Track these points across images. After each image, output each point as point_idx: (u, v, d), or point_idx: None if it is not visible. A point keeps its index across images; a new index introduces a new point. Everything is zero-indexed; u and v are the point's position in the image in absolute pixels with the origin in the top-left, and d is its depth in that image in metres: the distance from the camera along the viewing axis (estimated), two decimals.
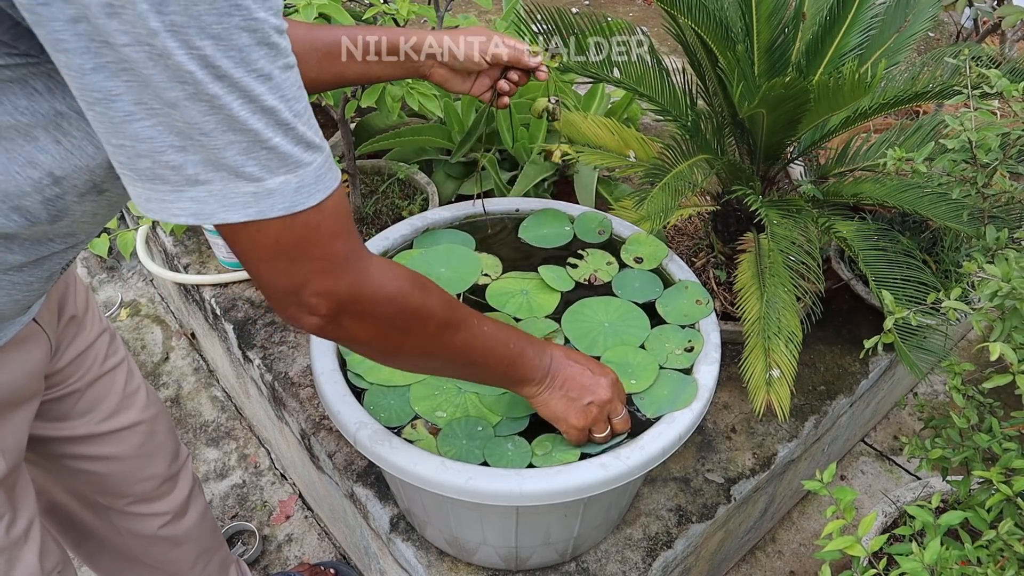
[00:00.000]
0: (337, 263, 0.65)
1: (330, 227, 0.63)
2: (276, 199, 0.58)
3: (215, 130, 0.53)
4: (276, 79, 0.55)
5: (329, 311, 0.67)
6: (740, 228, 1.39)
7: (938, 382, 2.07)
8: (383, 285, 0.70)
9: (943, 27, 2.58)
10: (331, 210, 0.63)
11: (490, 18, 3.19)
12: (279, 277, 0.64)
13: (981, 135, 1.01)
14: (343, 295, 0.67)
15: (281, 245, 0.61)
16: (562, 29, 1.27)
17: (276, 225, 0.60)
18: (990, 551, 0.82)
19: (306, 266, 0.64)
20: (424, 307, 0.74)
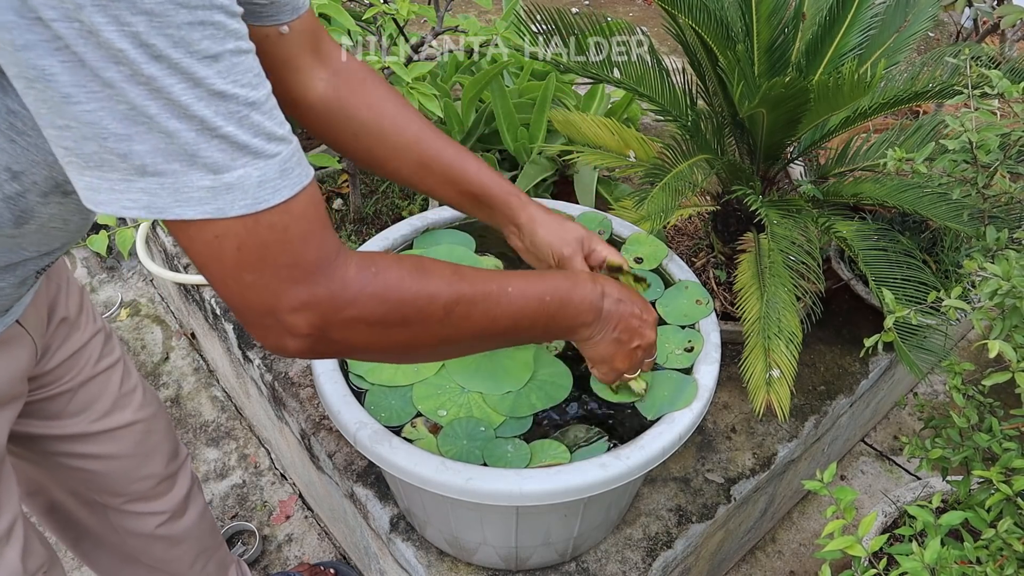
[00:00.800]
0: (311, 269, 0.59)
1: (300, 230, 0.57)
2: (236, 195, 0.53)
3: (159, 115, 0.49)
4: (225, 62, 0.51)
5: (311, 327, 0.60)
6: (740, 228, 1.39)
7: (938, 382, 2.07)
8: (367, 283, 0.63)
9: (943, 27, 2.58)
10: (300, 211, 0.57)
11: (490, 18, 3.19)
12: (248, 293, 0.58)
13: (981, 135, 1.01)
14: (324, 304, 0.60)
15: (245, 253, 0.55)
16: (562, 29, 1.27)
17: (237, 228, 0.54)
18: (990, 550, 0.82)
19: (276, 276, 0.57)
20: (422, 292, 0.67)
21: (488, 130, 1.75)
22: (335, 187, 1.65)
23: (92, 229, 1.24)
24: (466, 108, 1.71)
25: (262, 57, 0.81)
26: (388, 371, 1.00)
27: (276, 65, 0.86)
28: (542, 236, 0.97)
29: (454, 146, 0.97)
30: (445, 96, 1.75)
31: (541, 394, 0.99)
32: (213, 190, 0.52)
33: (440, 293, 0.69)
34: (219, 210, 0.53)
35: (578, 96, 1.83)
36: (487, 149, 1.76)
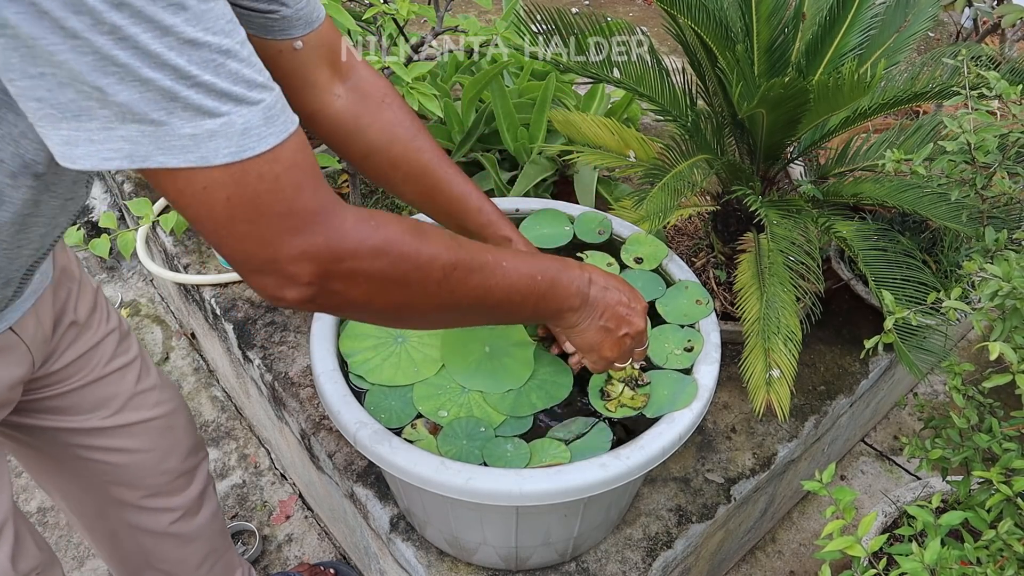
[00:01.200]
0: (307, 219, 0.58)
1: (291, 179, 0.57)
2: (219, 142, 0.52)
3: (130, 64, 0.48)
4: (193, 9, 0.50)
5: (312, 276, 0.60)
6: (740, 228, 1.39)
7: (938, 382, 2.07)
8: (367, 236, 0.62)
9: (943, 27, 2.58)
10: (289, 159, 0.56)
11: (490, 18, 3.19)
12: (244, 244, 0.57)
13: (979, 136, 1.01)
14: (323, 254, 0.59)
15: (235, 203, 0.55)
16: (562, 29, 1.27)
17: (225, 178, 0.54)
18: (990, 551, 0.82)
19: (271, 227, 0.57)
20: (422, 252, 0.66)
21: (488, 130, 1.75)
22: (335, 187, 1.65)
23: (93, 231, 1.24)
24: (466, 108, 1.71)
25: (277, 72, 0.81)
26: (388, 371, 1.00)
27: (291, 80, 0.86)
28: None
29: (460, 179, 0.98)
30: (445, 96, 1.75)
31: (542, 393, 0.99)
32: (195, 138, 0.51)
33: (440, 255, 0.68)
34: (203, 158, 0.52)
35: (578, 96, 1.83)
36: (487, 149, 1.76)
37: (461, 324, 0.87)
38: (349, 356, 1.02)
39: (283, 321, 1.53)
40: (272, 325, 1.52)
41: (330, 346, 1.02)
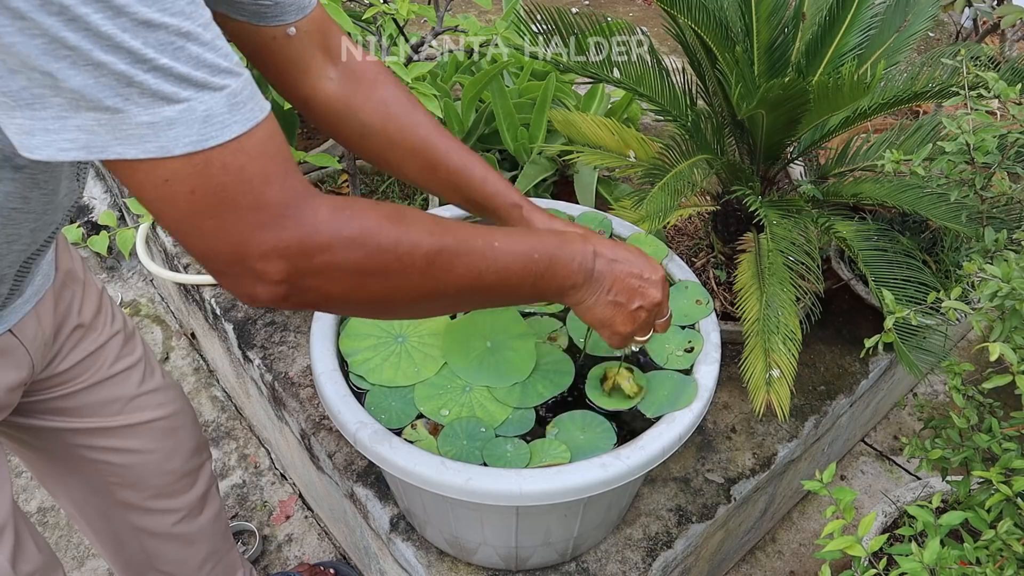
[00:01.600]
0: (276, 212, 0.55)
1: (258, 170, 0.53)
2: (179, 130, 0.49)
3: (82, 46, 0.46)
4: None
5: (282, 274, 0.56)
6: (740, 228, 1.39)
7: (938, 382, 2.07)
8: (342, 227, 0.58)
9: (943, 27, 2.58)
10: (257, 149, 0.53)
11: (490, 18, 3.19)
12: (209, 241, 0.54)
13: (978, 137, 1.01)
14: (294, 249, 0.56)
15: (198, 197, 0.51)
16: (562, 29, 1.27)
17: (188, 169, 0.50)
18: (990, 551, 0.82)
19: (238, 222, 0.53)
20: (403, 240, 0.62)
21: (488, 130, 1.75)
22: (335, 187, 1.65)
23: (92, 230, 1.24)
24: (466, 108, 1.71)
25: (269, 57, 0.79)
26: (388, 372, 1.00)
27: (285, 65, 0.86)
28: None
29: (460, 150, 0.95)
30: (445, 96, 1.75)
31: (547, 382, 1.00)
32: (154, 126, 0.49)
33: (422, 241, 0.64)
34: (163, 148, 0.49)
35: (578, 96, 1.83)
36: (487, 149, 1.76)
37: (455, 310, 0.84)
38: (349, 356, 1.02)
39: (283, 321, 1.53)
40: (272, 325, 1.52)
41: (330, 346, 1.02)
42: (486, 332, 1.05)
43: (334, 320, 1.05)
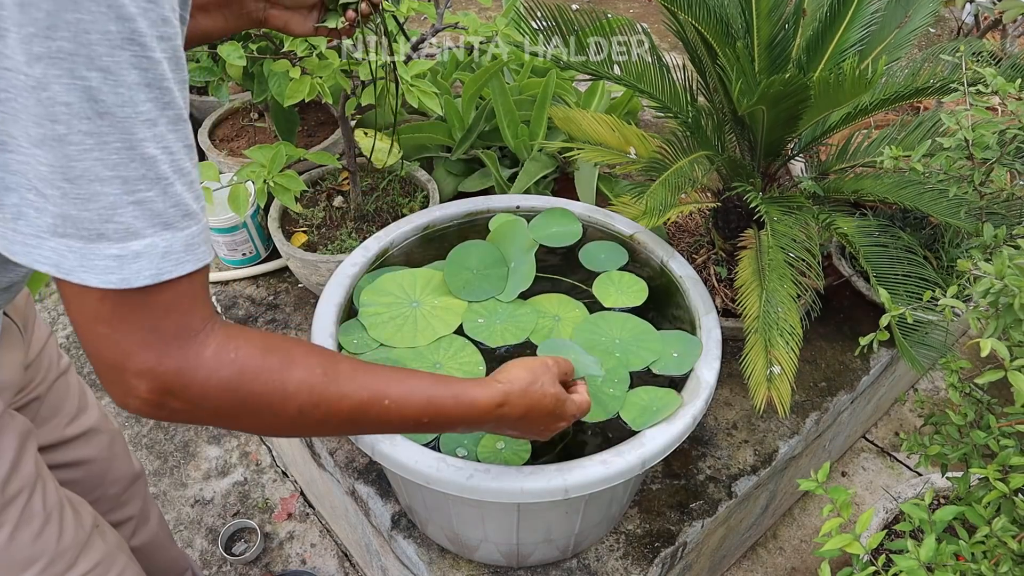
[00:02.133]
0: (165, 339, 0.56)
1: (168, 301, 0.55)
2: (142, 264, 0.52)
3: (81, 178, 0.48)
4: (162, 129, 0.51)
5: (148, 393, 0.57)
6: (741, 224, 1.39)
7: (939, 378, 2.07)
8: (218, 368, 0.59)
9: (944, 23, 2.58)
10: (184, 287, 0.55)
11: (491, 15, 3.19)
12: (100, 345, 0.55)
13: (977, 133, 1.01)
14: (167, 377, 0.57)
15: (106, 310, 0.54)
16: (562, 26, 1.27)
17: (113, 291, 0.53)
18: (986, 547, 0.82)
19: (130, 338, 0.55)
20: (277, 390, 0.62)
21: (488, 127, 1.75)
22: (336, 184, 1.65)
23: None
24: (466, 105, 1.71)
25: None
26: (388, 331, 1.05)
27: None
28: None
29: None
30: (445, 93, 1.75)
31: None
32: (120, 260, 0.51)
33: (298, 394, 0.63)
34: (124, 280, 0.52)
35: (578, 93, 1.83)
36: (488, 146, 1.76)
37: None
38: (363, 306, 1.08)
39: (284, 319, 1.53)
40: (273, 323, 1.52)
41: (331, 344, 1.02)
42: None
43: (335, 319, 1.05)
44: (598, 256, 1.22)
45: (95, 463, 1.13)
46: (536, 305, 1.13)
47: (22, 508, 0.85)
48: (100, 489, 1.15)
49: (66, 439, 1.07)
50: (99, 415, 1.15)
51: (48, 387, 1.04)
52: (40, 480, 0.89)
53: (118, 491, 1.19)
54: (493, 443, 0.94)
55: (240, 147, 1.77)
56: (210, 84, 1.44)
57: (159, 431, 1.95)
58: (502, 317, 1.10)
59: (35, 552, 0.87)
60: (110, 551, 0.99)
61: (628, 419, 0.97)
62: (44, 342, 1.04)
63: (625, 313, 1.12)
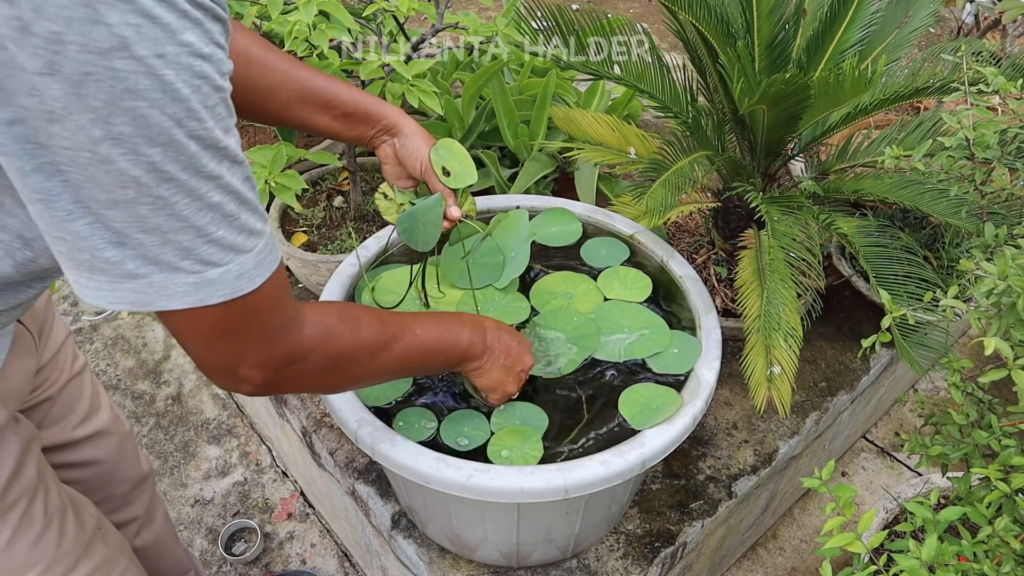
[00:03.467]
0: (272, 335, 0.65)
1: (268, 305, 0.63)
2: (216, 287, 0.57)
3: (156, 229, 0.52)
4: (225, 178, 0.54)
5: (263, 379, 0.67)
6: (741, 224, 1.39)
7: (939, 378, 2.07)
8: (316, 344, 0.70)
9: (944, 23, 2.58)
10: (269, 290, 0.62)
11: (491, 15, 3.19)
12: (215, 357, 0.64)
13: (978, 132, 1.01)
14: (277, 362, 0.67)
15: (218, 327, 0.61)
16: (562, 26, 1.26)
17: (216, 311, 0.59)
18: (988, 547, 0.82)
19: (243, 343, 0.63)
20: (355, 343, 0.76)
21: (488, 127, 1.75)
22: (336, 184, 1.65)
23: None
24: (466, 105, 1.71)
25: None
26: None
27: None
28: (418, 144, 1.02)
29: (321, 74, 0.99)
30: (445, 93, 1.75)
31: (570, 357, 1.05)
32: (197, 285, 0.56)
33: (369, 342, 0.78)
34: (200, 300, 0.57)
35: (578, 93, 1.83)
36: (488, 146, 1.76)
37: (388, 381, 0.94)
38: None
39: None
40: None
41: None
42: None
43: None
44: (599, 252, 1.22)
45: (103, 464, 1.13)
46: (543, 287, 1.16)
47: (22, 514, 0.85)
48: (106, 489, 1.15)
49: (75, 440, 1.07)
50: (110, 416, 1.14)
51: (61, 388, 1.04)
52: (42, 485, 0.89)
53: (124, 491, 1.19)
54: (499, 452, 0.94)
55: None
56: None
57: (159, 431, 1.95)
58: (498, 307, 1.12)
59: (33, 557, 0.87)
60: (111, 554, 0.99)
61: (627, 415, 0.97)
62: (60, 343, 1.04)
63: (639, 305, 1.13)
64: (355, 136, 1.02)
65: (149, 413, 1.99)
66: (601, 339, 1.08)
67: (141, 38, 0.46)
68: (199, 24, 0.49)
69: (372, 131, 1.02)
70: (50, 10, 0.43)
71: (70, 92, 0.45)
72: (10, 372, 0.84)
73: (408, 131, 1.03)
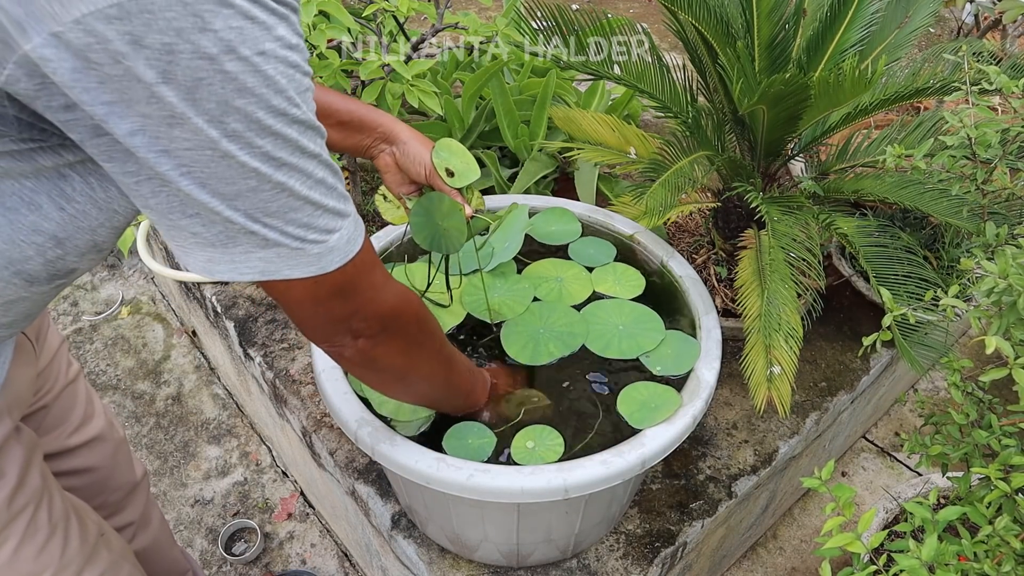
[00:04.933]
0: (379, 288, 0.71)
1: (370, 260, 0.69)
2: (335, 254, 0.62)
3: (280, 210, 0.57)
4: (322, 154, 0.59)
5: (372, 331, 0.72)
6: (741, 224, 1.39)
7: (939, 378, 2.07)
8: (404, 292, 0.75)
9: (944, 23, 2.58)
10: (367, 247, 0.68)
11: (491, 15, 3.18)
12: (333, 312, 0.68)
13: (980, 131, 1.01)
14: (387, 313, 0.72)
15: (337, 286, 0.65)
16: (562, 26, 1.26)
17: (335, 276, 0.63)
18: (988, 546, 0.82)
19: (358, 298, 0.69)
20: (429, 320, 0.81)
21: (488, 127, 1.75)
22: None
23: None
24: (466, 105, 1.71)
25: None
26: None
27: None
28: (418, 148, 1.04)
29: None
30: (445, 93, 1.75)
31: (559, 343, 1.05)
32: (320, 255, 0.61)
33: (439, 334, 0.84)
34: (322, 269, 0.62)
35: (578, 93, 1.83)
36: (488, 146, 1.76)
37: (426, 397, 0.94)
38: None
39: (284, 319, 1.53)
40: (273, 323, 1.52)
41: None
42: None
43: None
44: (586, 252, 1.23)
45: (98, 471, 1.13)
46: (533, 272, 1.18)
47: (27, 522, 0.85)
48: (101, 496, 1.15)
49: (70, 448, 1.07)
50: (104, 423, 1.14)
51: (55, 396, 1.04)
52: (47, 492, 0.89)
53: (118, 498, 1.19)
54: (524, 443, 0.94)
55: None
56: None
57: (159, 431, 1.95)
58: (501, 291, 1.14)
59: (40, 565, 0.87)
60: (115, 560, 0.99)
61: (626, 414, 0.97)
62: (55, 351, 1.04)
63: (621, 300, 1.14)
64: (352, 145, 1.04)
65: (149, 413, 1.99)
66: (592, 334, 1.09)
67: (244, 39, 0.49)
68: (286, 18, 0.52)
69: (369, 140, 1.03)
70: (160, 23, 0.45)
71: (186, 98, 0.48)
72: (14, 381, 0.85)
73: (405, 137, 1.03)
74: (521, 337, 1.08)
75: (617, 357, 1.05)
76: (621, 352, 1.06)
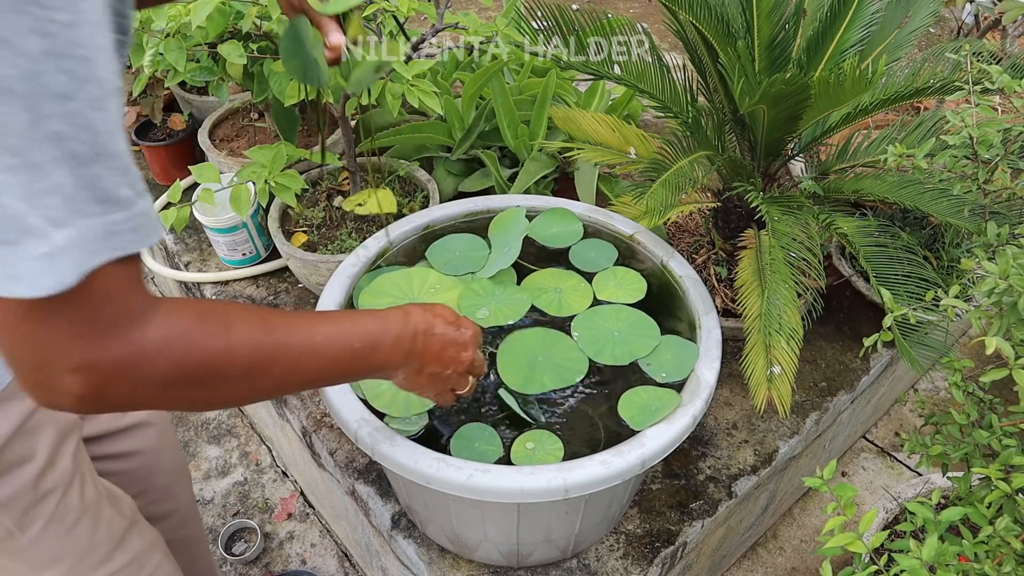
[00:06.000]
0: (104, 328, 0.52)
1: (107, 290, 0.52)
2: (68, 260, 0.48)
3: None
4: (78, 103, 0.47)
5: (84, 388, 0.53)
6: (741, 224, 1.39)
7: (939, 378, 2.07)
8: (165, 346, 0.55)
9: (944, 23, 2.58)
10: (120, 274, 0.52)
11: (491, 15, 3.19)
12: (22, 346, 0.51)
13: (982, 131, 1.01)
14: (107, 367, 0.53)
15: (31, 307, 0.49)
16: (562, 26, 1.26)
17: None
18: (989, 547, 0.82)
19: (62, 333, 0.51)
20: (223, 351, 0.60)
21: (488, 127, 1.74)
22: (335, 184, 1.65)
23: None
24: (466, 105, 1.71)
25: None
26: (389, 394, 1.02)
27: None
28: None
29: None
30: (445, 93, 1.75)
31: (554, 375, 1.03)
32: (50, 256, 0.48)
33: (243, 351, 0.62)
34: (59, 282, 0.49)
35: (578, 93, 1.83)
36: (488, 146, 1.76)
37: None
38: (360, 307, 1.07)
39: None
40: None
41: None
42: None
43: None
44: (587, 255, 1.22)
45: (144, 455, 1.12)
46: (533, 282, 1.16)
47: (56, 504, 0.85)
48: (148, 480, 1.14)
49: (116, 430, 1.06)
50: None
51: None
52: (79, 476, 0.88)
53: (165, 483, 1.18)
54: (523, 445, 0.94)
55: (240, 147, 1.77)
56: (210, 84, 1.44)
57: None
58: (499, 299, 1.13)
59: (67, 546, 0.87)
60: (145, 548, 0.99)
61: (627, 417, 0.97)
62: None
63: (619, 305, 1.13)
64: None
65: None
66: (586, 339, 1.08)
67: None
68: None
69: None
70: None
71: None
72: None
73: None
74: (517, 358, 1.04)
75: (610, 363, 1.04)
76: (615, 358, 1.05)
